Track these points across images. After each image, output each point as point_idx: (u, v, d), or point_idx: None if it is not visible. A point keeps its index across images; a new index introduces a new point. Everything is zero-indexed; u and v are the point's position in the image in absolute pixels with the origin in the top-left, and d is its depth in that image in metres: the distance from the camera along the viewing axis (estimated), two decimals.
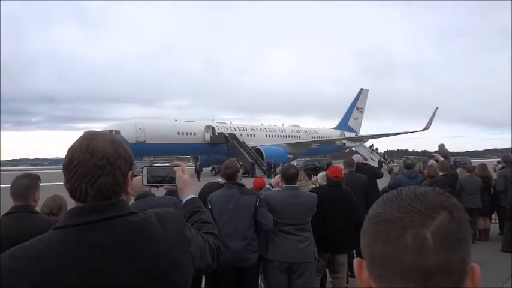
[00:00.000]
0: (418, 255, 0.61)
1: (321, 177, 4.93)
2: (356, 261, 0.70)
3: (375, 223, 0.66)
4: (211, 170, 33.73)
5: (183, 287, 1.23)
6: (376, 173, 7.48)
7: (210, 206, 3.80)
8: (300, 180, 4.96)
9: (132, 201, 2.51)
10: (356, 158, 7.55)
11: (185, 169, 1.71)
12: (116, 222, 1.14)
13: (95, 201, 1.15)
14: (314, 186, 5.52)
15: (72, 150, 1.17)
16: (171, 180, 1.69)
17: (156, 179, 1.70)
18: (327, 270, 4.79)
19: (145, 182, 1.68)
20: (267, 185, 4.66)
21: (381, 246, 0.64)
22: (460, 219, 0.65)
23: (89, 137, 1.19)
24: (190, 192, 1.69)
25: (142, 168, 1.68)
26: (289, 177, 4.19)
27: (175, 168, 1.70)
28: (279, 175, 4.47)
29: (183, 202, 1.67)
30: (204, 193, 4.31)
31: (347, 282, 5.04)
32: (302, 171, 5.27)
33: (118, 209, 1.17)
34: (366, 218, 0.70)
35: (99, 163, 1.15)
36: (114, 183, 1.17)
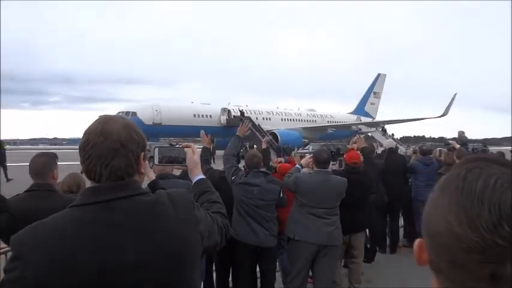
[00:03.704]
0: (493, 286, 0.57)
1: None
2: (418, 241, 0.67)
3: (451, 243, 0.59)
4: None
5: (192, 264, 1.28)
6: (407, 168, 7.07)
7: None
8: None
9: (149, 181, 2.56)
10: (389, 143, 7.35)
11: (195, 150, 1.75)
12: (128, 201, 1.20)
13: (109, 182, 1.20)
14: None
15: (87, 133, 1.22)
16: (182, 161, 1.72)
17: (168, 159, 1.74)
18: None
19: (156, 162, 1.72)
20: (297, 165, 4.61)
21: (451, 268, 0.60)
22: None
23: (103, 121, 1.24)
24: (199, 173, 1.74)
25: (154, 148, 1.70)
26: (322, 162, 4.24)
27: (186, 149, 1.74)
28: (310, 155, 4.52)
29: (193, 183, 1.72)
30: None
31: (362, 274, 5.01)
32: None
33: (131, 189, 1.22)
34: (432, 221, 0.63)
35: (112, 146, 1.20)
36: (127, 165, 1.22)
